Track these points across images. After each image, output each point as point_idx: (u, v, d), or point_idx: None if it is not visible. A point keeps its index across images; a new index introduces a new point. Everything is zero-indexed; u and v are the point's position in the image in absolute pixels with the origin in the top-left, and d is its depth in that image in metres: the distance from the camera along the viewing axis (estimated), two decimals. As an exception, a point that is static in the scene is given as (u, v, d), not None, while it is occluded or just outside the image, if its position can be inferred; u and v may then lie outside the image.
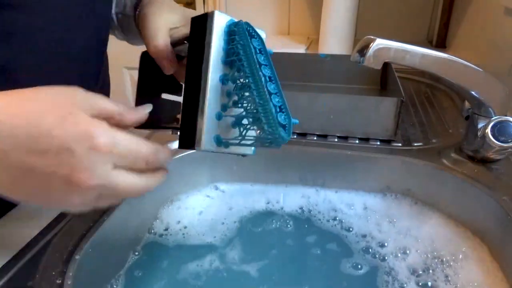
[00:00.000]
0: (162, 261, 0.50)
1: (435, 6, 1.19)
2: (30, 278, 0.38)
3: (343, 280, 0.48)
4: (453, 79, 0.51)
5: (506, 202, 0.48)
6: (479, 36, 0.88)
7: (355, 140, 0.63)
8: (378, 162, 0.59)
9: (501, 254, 0.47)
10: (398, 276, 0.47)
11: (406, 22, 1.24)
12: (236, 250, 0.52)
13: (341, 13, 1.05)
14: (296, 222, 0.57)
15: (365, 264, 0.49)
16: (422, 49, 0.49)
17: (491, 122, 0.52)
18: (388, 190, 0.60)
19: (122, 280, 0.47)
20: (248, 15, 1.36)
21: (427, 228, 0.54)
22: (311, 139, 0.64)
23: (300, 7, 1.31)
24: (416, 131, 0.66)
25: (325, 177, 0.62)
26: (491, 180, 0.52)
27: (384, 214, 0.57)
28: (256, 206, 0.60)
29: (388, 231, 0.54)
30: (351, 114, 0.62)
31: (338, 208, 0.59)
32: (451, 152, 0.59)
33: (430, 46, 1.20)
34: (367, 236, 0.54)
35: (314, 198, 0.61)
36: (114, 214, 0.47)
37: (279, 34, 1.37)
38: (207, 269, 0.49)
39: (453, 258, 0.48)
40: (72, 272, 0.39)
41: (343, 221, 0.56)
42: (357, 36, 1.15)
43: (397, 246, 0.51)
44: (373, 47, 0.48)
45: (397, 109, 0.60)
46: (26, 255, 0.41)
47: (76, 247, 0.42)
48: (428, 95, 0.82)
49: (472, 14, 0.96)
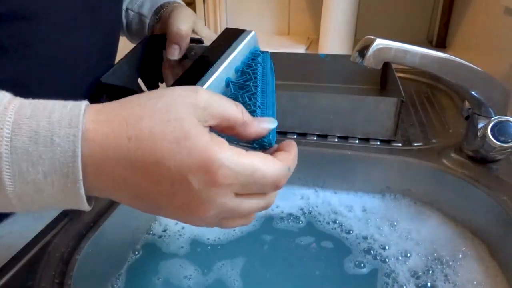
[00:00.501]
0: (161, 261, 0.50)
1: (435, 6, 1.19)
2: (30, 278, 0.38)
3: (344, 281, 0.48)
4: (453, 79, 0.51)
5: (506, 202, 0.48)
6: (479, 36, 0.88)
7: (355, 140, 0.63)
8: (378, 162, 0.59)
9: (501, 254, 0.47)
10: (398, 277, 0.47)
11: (406, 22, 1.24)
12: (235, 252, 0.52)
13: (341, 13, 1.05)
14: (296, 222, 0.57)
15: (365, 265, 0.49)
16: (422, 49, 0.49)
17: (491, 122, 0.52)
18: (388, 190, 0.60)
19: (121, 280, 0.47)
20: (248, 15, 1.36)
21: (427, 228, 0.54)
22: (311, 139, 0.64)
23: (300, 7, 1.31)
24: (416, 131, 0.66)
25: (325, 177, 0.62)
26: (491, 180, 0.52)
27: (384, 214, 0.57)
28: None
29: (388, 231, 0.54)
30: (351, 114, 0.62)
31: (338, 209, 0.59)
32: (451, 152, 0.59)
33: (430, 46, 1.20)
34: (368, 238, 0.54)
35: (313, 199, 0.61)
36: (113, 215, 0.47)
37: (279, 34, 1.36)
38: (206, 270, 0.49)
39: (453, 258, 0.48)
40: (72, 272, 0.39)
41: (343, 223, 0.56)
42: (357, 36, 1.15)
43: (397, 246, 0.51)
44: (373, 47, 0.48)
45: (397, 109, 0.60)
46: (26, 255, 0.41)
47: (76, 247, 0.42)
48: (428, 95, 0.82)
49: (472, 14, 0.96)
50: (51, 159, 0.24)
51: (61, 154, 0.24)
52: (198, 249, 0.52)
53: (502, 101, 0.53)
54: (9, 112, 0.24)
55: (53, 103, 0.26)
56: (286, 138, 0.65)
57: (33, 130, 0.24)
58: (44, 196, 0.25)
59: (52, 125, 0.24)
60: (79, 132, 0.25)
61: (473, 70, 0.51)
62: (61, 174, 0.25)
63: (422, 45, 0.55)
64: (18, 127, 0.24)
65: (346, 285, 0.48)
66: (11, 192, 0.25)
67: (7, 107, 0.25)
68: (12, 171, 0.24)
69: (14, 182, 0.24)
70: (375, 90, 0.85)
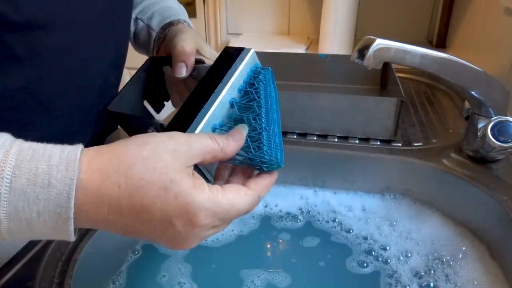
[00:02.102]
0: (161, 262, 0.50)
1: (435, 6, 1.19)
2: (30, 278, 0.39)
3: (344, 281, 0.48)
4: (453, 79, 0.51)
5: (506, 202, 0.48)
6: (479, 36, 0.88)
7: (355, 140, 0.63)
8: (378, 162, 0.59)
9: (501, 254, 0.47)
10: (400, 278, 0.47)
11: (406, 22, 1.24)
12: (234, 251, 0.52)
13: (341, 13, 1.05)
14: (294, 221, 0.57)
15: (367, 264, 0.49)
16: (422, 49, 0.49)
17: (491, 122, 0.52)
18: (388, 190, 0.60)
19: (121, 280, 0.47)
20: (248, 15, 1.36)
21: (427, 228, 0.54)
22: (311, 139, 0.64)
23: (300, 7, 1.31)
24: (416, 131, 0.66)
25: (325, 177, 0.62)
26: (491, 180, 0.52)
27: (384, 215, 0.57)
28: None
29: (388, 231, 0.54)
30: (351, 114, 0.62)
31: (338, 209, 0.59)
32: (451, 152, 0.59)
33: (430, 46, 1.20)
34: (368, 238, 0.54)
35: (313, 199, 0.61)
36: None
37: (279, 34, 1.37)
38: (206, 271, 0.49)
39: (453, 258, 0.48)
40: (72, 272, 0.40)
41: (343, 223, 0.56)
42: (357, 36, 1.15)
43: (397, 246, 0.51)
44: (373, 47, 0.48)
45: (397, 109, 0.60)
46: (26, 255, 0.41)
47: (76, 247, 0.43)
48: (428, 95, 0.82)
49: (472, 14, 0.96)
50: (47, 200, 0.26)
51: (56, 195, 0.26)
52: (197, 249, 0.52)
53: (502, 101, 0.53)
54: (11, 154, 0.26)
55: (51, 147, 0.28)
56: (286, 138, 0.65)
57: (33, 172, 0.26)
58: (34, 232, 0.27)
59: (50, 168, 0.26)
60: (75, 176, 0.27)
61: (473, 70, 0.51)
62: (53, 213, 0.27)
63: (422, 45, 0.55)
64: (19, 170, 0.26)
65: (347, 284, 0.48)
66: (4, 228, 0.26)
67: (9, 150, 0.26)
68: (9, 209, 0.26)
69: (9, 219, 0.26)
70: (375, 90, 0.85)
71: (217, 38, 1.40)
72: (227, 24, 1.39)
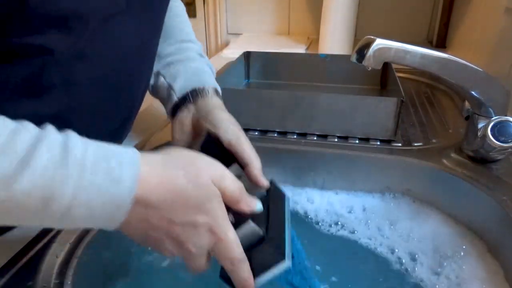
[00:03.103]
0: (162, 261, 0.50)
1: (435, 6, 1.19)
2: (30, 278, 0.38)
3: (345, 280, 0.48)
4: (453, 79, 0.51)
5: (506, 202, 0.48)
6: (479, 36, 0.88)
7: (355, 140, 0.63)
8: (378, 162, 0.59)
9: (501, 254, 0.47)
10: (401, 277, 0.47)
11: (406, 22, 1.24)
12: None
13: (341, 13, 1.05)
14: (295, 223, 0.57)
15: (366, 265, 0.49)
16: (422, 49, 0.49)
17: (491, 122, 0.52)
18: (388, 190, 0.60)
19: (121, 280, 0.47)
20: (248, 15, 1.36)
21: (427, 228, 0.54)
22: (311, 139, 0.64)
23: (300, 7, 1.31)
24: (416, 131, 0.66)
25: (325, 177, 0.62)
26: (491, 180, 0.52)
27: (384, 214, 0.57)
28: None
29: (388, 231, 0.54)
30: (351, 114, 0.62)
31: (338, 209, 0.59)
32: (451, 152, 0.59)
33: (430, 46, 1.20)
34: (368, 237, 0.54)
35: (313, 199, 0.61)
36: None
37: (279, 34, 1.37)
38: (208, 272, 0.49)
39: (454, 258, 0.48)
40: (72, 272, 0.40)
41: (343, 222, 0.56)
42: (357, 36, 1.15)
43: (397, 246, 0.52)
44: (373, 47, 0.48)
45: (397, 109, 0.60)
46: (26, 255, 0.41)
47: (76, 247, 0.43)
48: (428, 95, 0.82)
49: (472, 14, 0.96)
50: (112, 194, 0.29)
51: (123, 190, 0.29)
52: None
53: (502, 101, 0.53)
54: (89, 154, 0.29)
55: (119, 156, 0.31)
56: (286, 138, 0.65)
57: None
58: (91, 219, 0.30)
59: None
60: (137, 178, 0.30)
61: (473, 70, 0.51)
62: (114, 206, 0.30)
63: (422, 45, 0.55)
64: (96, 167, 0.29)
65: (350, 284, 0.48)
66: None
67: (87, 149, 0.29)
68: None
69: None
70: (375, 90, 0.85)
71: (217, 38, 1.40)
72: (227, 24, 1.39)
